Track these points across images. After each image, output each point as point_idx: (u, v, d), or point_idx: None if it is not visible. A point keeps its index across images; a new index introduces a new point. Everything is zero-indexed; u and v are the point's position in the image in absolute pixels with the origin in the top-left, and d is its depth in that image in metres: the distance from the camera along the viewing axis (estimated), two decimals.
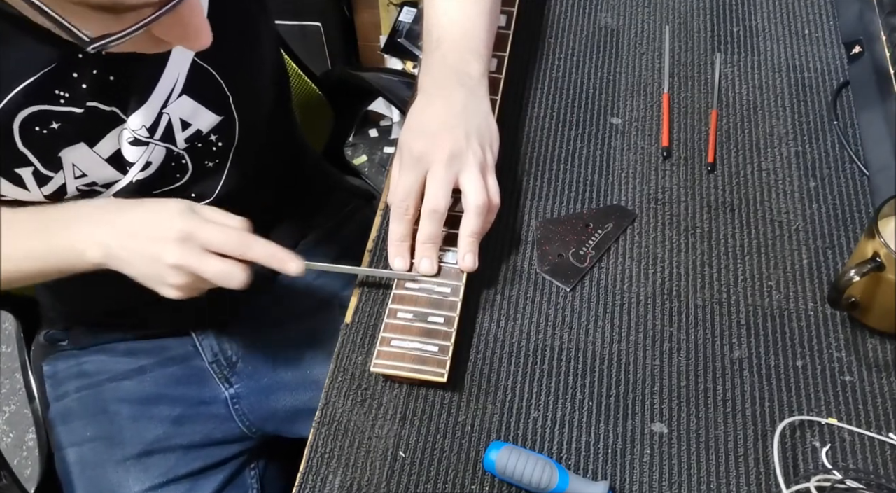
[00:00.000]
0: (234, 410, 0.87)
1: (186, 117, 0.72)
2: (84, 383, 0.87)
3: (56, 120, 0.65)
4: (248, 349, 0.88)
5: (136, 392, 0.86)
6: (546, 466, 0.61)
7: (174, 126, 0.71)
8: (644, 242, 0.75)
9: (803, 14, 0.91)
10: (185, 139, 0.73)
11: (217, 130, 0.74)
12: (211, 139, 0.75)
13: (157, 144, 0.71)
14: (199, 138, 0.74)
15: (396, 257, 0.70)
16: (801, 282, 0.72)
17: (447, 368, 0.65)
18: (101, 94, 0.66)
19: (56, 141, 0.66)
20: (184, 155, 0.74)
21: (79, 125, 0.66)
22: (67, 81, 0.64)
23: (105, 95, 0.66)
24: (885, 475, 0.62)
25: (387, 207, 0.78)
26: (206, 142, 0.74)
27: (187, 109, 0.71)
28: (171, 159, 0.73)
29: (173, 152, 0.73)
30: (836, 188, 0.78)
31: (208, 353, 0.87)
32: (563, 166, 0.81)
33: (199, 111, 0.72)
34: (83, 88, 0.65)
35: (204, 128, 0.73)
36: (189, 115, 0.72)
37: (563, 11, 0.93)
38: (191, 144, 0.73)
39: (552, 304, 0.72)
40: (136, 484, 0.82)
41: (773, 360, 0.68)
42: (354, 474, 0.64)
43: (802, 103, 0.84)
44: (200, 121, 0.73)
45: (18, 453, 1.58)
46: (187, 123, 0.72)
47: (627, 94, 0.86)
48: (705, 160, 0.80)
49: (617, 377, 0.68)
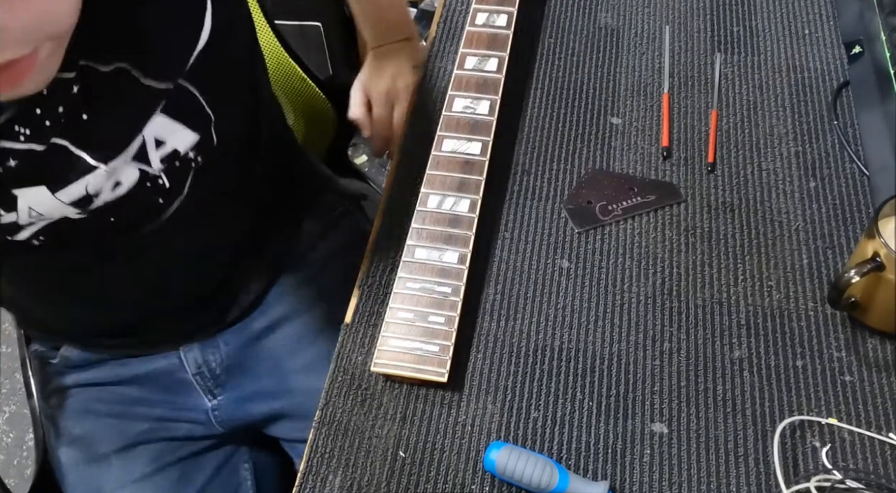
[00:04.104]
0: (213, 417, 0.87)
1: (161, 136, 0.66)
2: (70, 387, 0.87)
3: (14, 158, 0.58)
4: (232, 361, 0.87)
5: (118, 395, 0.86)
6: (546, 466, 0.61)
7: (147, 145, 0.65)
8: (644, 242, 0.75)
9: (803, 14, 0.91)
10: (161, 159, 0.67)
11: (195, 149, 0.69)
12: (189, 157, 0.69)
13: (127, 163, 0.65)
14: (177, 158, 0.68)
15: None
16: (801, 282, 0.72)
17: (447, 368, 0.65)
18: (69, 132, 0.60)
19: (11, 180, 0.60)
20: (160, 176, 0.68)
21: (40, 165, 0.59)
22: (29, 118, 0.57)
23: (73, 134, 0.60)
24: (885, 475, 0.62)
25: (387, 207, 0.78)
26: (184, 160, 0.69)
27: (161, 128, 0.65)
28: (145, 180, 0.67)
29: (147, 174, 0.67)
30: (836, 188, 0.78)
31: (192, 365, 0.86)
32: (563, 166, 0.81)
33: (176, 131, 0.66)
34: (46, 125, 0.58)
35: (182, 147, 0.68)
36: (164, 133, 0.66)
37: (563, 11, 0.93)
38: (167, 164, 0.67)
39: (552, 304, 0.72)
40: (126, 475, 0.82)
41: (773, 360, 0.68)
42: (354, 474, 0.64)
43: (802, 103, 0.84)
44: (177, 140, 0.67)
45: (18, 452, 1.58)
46: (161, 142, 0.66)
47: (627, 94, 0.86)
48: (705, 160, 0.80)
49: (617, 377, 0.68)
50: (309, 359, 0.86)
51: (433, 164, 0.76)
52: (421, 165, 0.76)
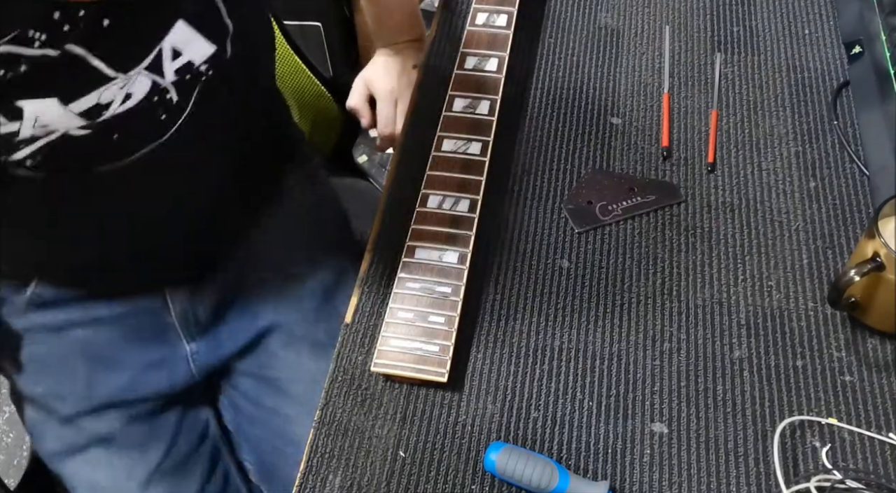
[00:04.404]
0: (192, 362, 0.85)
1: (179, 46, 0.63)
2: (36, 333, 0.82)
3: (25, 64, 0.55)
4: (217, 306, 0.85)
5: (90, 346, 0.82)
6: (546, 466, 0.61)
7: (164, 54, 0.62)
8: (644, 242, 0.75)
9: (803, 14, 0.91)
10: (175, 71, 0.64)
11: (209, 61, 0.67)
12: (201, 70, 0.67)
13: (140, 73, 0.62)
14: (189, 71, 0.65)
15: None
16: (801, 282, 0.72)
17: (447, 368, 0.65)
18: (87, 40, 0.56)
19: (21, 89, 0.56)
20: (169, 89, 0.65)
21: (52, 74, 0.56)
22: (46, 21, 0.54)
23: (93, 41, 0.57)
24: (885, 475, 0.62)
25: (386, 207, 0.78)
26: (195, 73, 0.66)
27: (180, 37, 0.63)
28: (154, 93, 0.64)
29: (159, 86, 0.64)
30: (836, 188, 0.78)
31: (177, 307, 0.83)
32: (563, 166, 0.81)
33: (194, 40, 0.64)
34: (64, 30, 0.55)
35: (196, 59, 0.65)
36: (182, 43, 0.63)
37: (563, 11, 0.93)
38: (180, 77, 0.65)
39: (552, 304, 0.72)
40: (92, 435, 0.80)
41: (773, 360, 0.68)
42: (354, 474, 0.64)
43: (802, 103, 0.84)
44: (193, 51, 0.65)
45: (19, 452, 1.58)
46: (178, 53, 0.63)
47: (627, 94, 0.86)
48: (705, 160, 0.80)
49: (617, 377, 0.68)
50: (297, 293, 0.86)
51: (433, 164, 0.76)
52: (421, 165, 0.76)
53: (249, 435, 0.85)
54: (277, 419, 0.83)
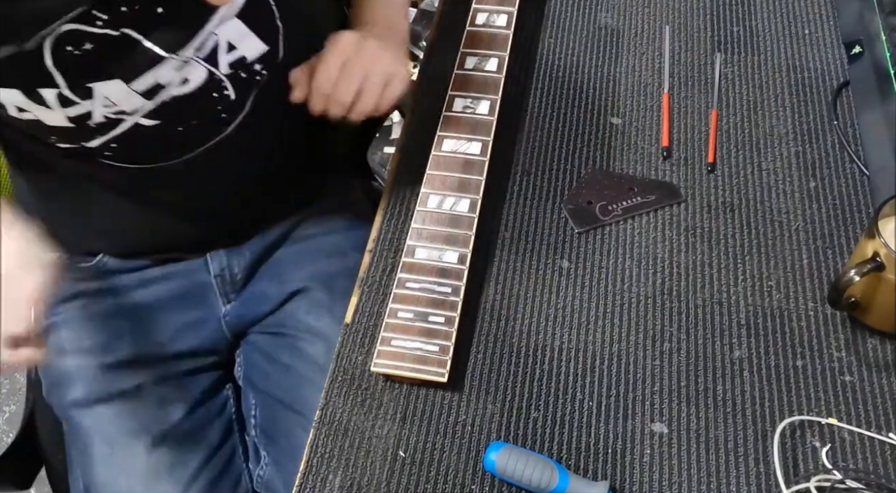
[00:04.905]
0: (224, 322, 0.89)
1: (234, 41, 0.70)
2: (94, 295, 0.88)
3: (90, 41, 0.63)
4: (253, 266, 0.90)
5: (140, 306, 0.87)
6: (546, 466, 0.61)
7: (220, 47, 0.70)
8: (644, 242, 0.75)
9: (803, 14, 0.91)
10: (229, 64, 0.71)
11: (262, 60, 0.73)
12: (255, 68, 0.73)
13: (198, 61, 0.69)
14: (243, 66, 0.72)
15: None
16: (801, 282, 0.72)
17: (447, 368, 0.65)
18: (141, 24, 0.64)
19: (89, 68, 0.65)
20: (225, 83, 0.72)
21: (114, 54, 0.65)
22: (108, 4, 0.62)
23: (147, 26, 0.65)
24: (885, 475, 0.62)
25: (387, 207, 0.78)
26: (249, 71, 0.73)
27: (235, 33, 0.70)
28: (211, 84, 0.72)
29: (214, 76, 0.71)
30: (836, 188, 0.78)
31: (215, 267, 0.88)
32: (563, 166, 0.81)
33: (247, 37, 0.71)
34: (122, 11, 0.63)
35: (249, 56, 0.72)
36: (237, 38, 0.70)
37: (563, 11, 0.93)
38: (234, 71, 0.72)
39: (552, 304, 0.72)
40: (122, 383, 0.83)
41: (773, 360, 0.68)
42: (354, 474, 0.64)
43: (802, 103, 0.84)
44: (246, 47, 0.71)
45: None
46: (233, 47, 0.71)
47: (627, 94, 0.86)
48: (705, 160, 0.80)
49: (617, 377, 0.68)
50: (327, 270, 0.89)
51: (433, 164, 0.76)
52: (421, 165, 0.76)
53: (260, 390, 0.87)
54: (290, 377, 0.84)
